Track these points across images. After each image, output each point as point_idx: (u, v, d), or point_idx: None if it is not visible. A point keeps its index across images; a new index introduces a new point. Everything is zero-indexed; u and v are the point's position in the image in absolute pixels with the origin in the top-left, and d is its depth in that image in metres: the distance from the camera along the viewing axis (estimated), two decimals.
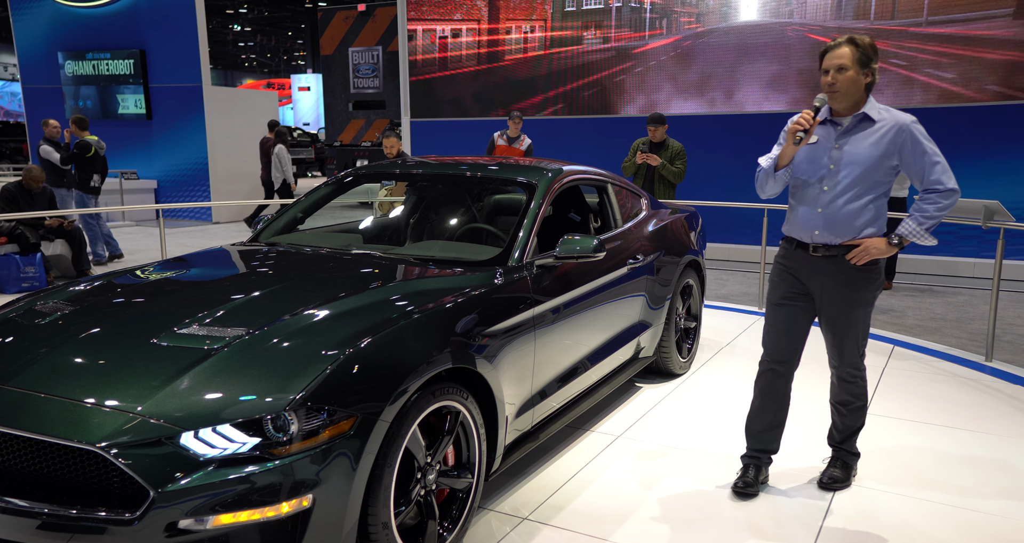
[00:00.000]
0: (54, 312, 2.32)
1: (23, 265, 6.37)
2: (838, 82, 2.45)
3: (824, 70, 2.48)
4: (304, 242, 3.21)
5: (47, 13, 12.32)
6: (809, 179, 2.58)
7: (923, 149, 2.49)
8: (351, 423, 1.89)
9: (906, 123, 2.49)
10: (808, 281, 2.66)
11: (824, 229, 2.57)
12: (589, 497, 2.73)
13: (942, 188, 2.50)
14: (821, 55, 2.52)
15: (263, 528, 1.77)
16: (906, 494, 2.76)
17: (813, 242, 2.61)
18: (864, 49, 2.45)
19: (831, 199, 2.55)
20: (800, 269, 2.66)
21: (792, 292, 2.69)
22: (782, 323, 2.72)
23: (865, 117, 2.52)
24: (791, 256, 2.68)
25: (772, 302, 2.74)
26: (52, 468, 1.79)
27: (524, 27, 9.09)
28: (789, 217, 2.70)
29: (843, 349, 2.69)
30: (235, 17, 31.27)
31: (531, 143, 7.68)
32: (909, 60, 7.26)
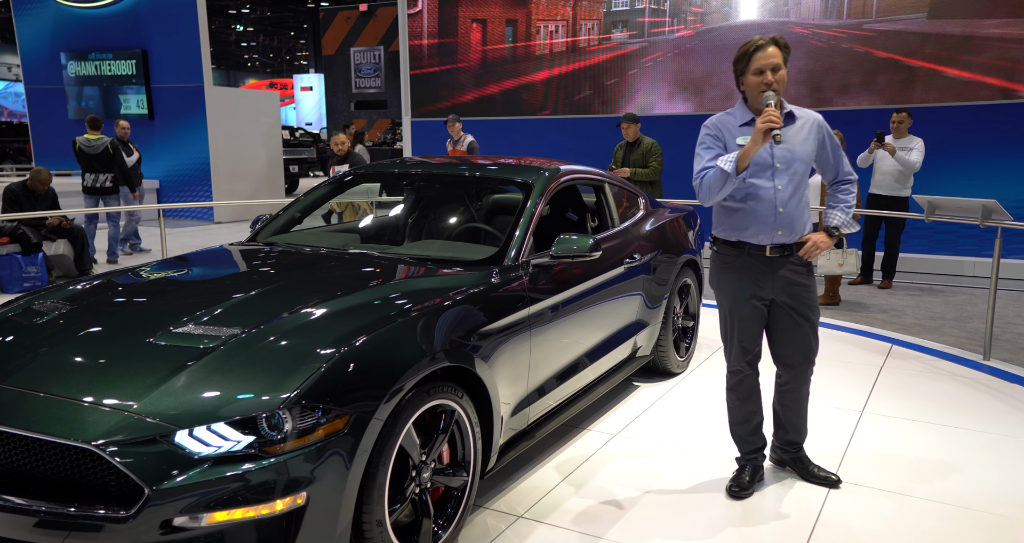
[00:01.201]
0: (52, 311, 2.34)
1: (25, 265, 6.41)
2: (776, 81, 2.47)
3: (758, 70, 2.48)
4: (302, 242, 3.23)
5: (50, 14, 12.37)
6: (760, 179, 2.55)
7: (836, 143, 2.68)
8: (345, 421, 1.90)
9: (820, 118, 2.64)
10: (765, 283, 2.63)
11: (784, 229, 2.58)
12: (584, 496, 2.75)
13: (852, 178, 2.72)
14: (745, 56, 2.52)
15: (257, 526, 1.79)
16: (902, 493, 2.77)
17: (773, 243, 2.59)
18: (788, 48, 2.53)
19: (787, 198, 2.56)
20: (756, 272, 2.63)
21: (754, 296, 2.65)
22: (750, 327, 2.68)
23: (791, 114, 2.59)
24: (743, 261, 2.63)
25: (735, 311, 2.67)
26: (50, 466, 1.80)
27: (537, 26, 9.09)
28: (734, 222, 2.62)
29: (808, 344, 2.69)
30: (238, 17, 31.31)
31: (472, 140, 8.04)
32: (914, 55, 7.25)
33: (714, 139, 2.60)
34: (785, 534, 2.49)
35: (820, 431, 3.25)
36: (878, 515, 2.61)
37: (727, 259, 2.67)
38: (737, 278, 2.66)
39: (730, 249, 2.66)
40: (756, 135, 2.40)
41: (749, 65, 2.50)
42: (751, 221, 2.58)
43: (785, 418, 2.85)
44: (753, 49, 2.49)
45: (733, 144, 2.57)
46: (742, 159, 2.44)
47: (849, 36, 7.47)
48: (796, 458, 2.90)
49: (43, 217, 6.61)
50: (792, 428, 2.86)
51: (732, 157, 2.45)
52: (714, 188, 2.50)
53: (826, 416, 3.49)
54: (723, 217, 2.67)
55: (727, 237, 2.66)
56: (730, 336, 2.74)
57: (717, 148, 2.59)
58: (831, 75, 7.58)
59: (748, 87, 2.54)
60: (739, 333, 2.70)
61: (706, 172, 2.52)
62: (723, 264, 2.70)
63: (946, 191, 6.72)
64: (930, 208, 4.77)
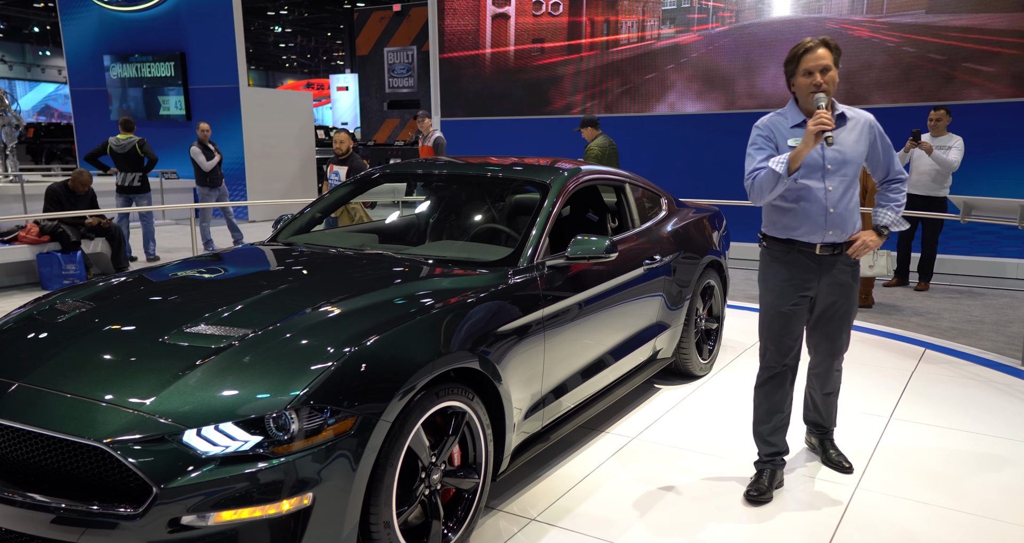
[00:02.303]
0: (73, 310, 2.40)
1: (64, 263, 6.61)
2: (825, 82, 2.49)
3: (807, 71, 2.51)
4: (321, 242, 3.26)
5: (94, 17, 12.75)
6: (811, 181, 2.57)
7: (888, 142, 2.69)
8: (353, 422, 1.91)
9: (871, 118, 2.65)
10: (812, 282, 2.67)
11: (835, 228, 2.61)
12: (599, 499, 2.72)
13: (903, 177, 2.73)
14: (795, 57, 2.55)
15: (264, 525, 1.81)
16: (927, 502, 2.68)
17: (822, 242, 2.61)
18: (838, 50, 2.55)
19: (838, 198, 2.59)
20: (804, 270, 2.66)
21: (799, 296, 2.69)
22: (791, 326, 2.71)
23: (842, 115, 2.61)
24: (792, 260, 2.66)
25: (779, 308, 2.70)
26: (62, 463, 1.85)
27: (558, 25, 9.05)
28: (785, 221, 2.65)
29: (843, 339, 2.80)
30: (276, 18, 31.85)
31: (439, 136, 8.41)
32: (946, 53, 7.01)
33: (765, 140, 2.62)
34: (805, 541, 2.44)
35: (846, 436, 3.16)
36: (900, 524, 2.53)
37: (776, 255, 2.71)
38: (785, 275, 2.69)
39: (780, 246, 2.69)
40: (807, 137, 2.41)
41: (799, 66, 2.53)
42: (802, 221, 2.61)
43: (813, 402, 2.99)
44: (803, 51, 2.52)
45: (785, 145, 2.59)
46: (793, 160, 2.45)
47: (885, 31, 7.26)
48: (820, 441, 3.02)
49: (82, 216, 6.82)
50: (817, 412, 2.98)
51: (784, 158, 2.47)
52: (765, 188, 2.52)
53: (853, 421, 3.40)
54: (774, 216, 2.70)
55: (777, 235, 2.69)
56: (770, 332, 2.75)
57: (768, 149, 2.61)
58: (866, 72, 7.38)
59: (798, 88, 2.57)
60: (780, 329, 2.72)
61: (757, 172, 2.54)
62: (772, 260, 2.73)
63: (987, 191, 6.49)
64: (966, 209, 4.61)
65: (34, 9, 29.40)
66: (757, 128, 2.66)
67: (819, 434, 3.03)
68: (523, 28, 9.23)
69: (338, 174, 6.64)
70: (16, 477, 1.88)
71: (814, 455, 3.06)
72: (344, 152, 6.64)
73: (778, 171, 2.46)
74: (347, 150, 6.62)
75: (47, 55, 36.52)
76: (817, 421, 3.01)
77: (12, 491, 1.83)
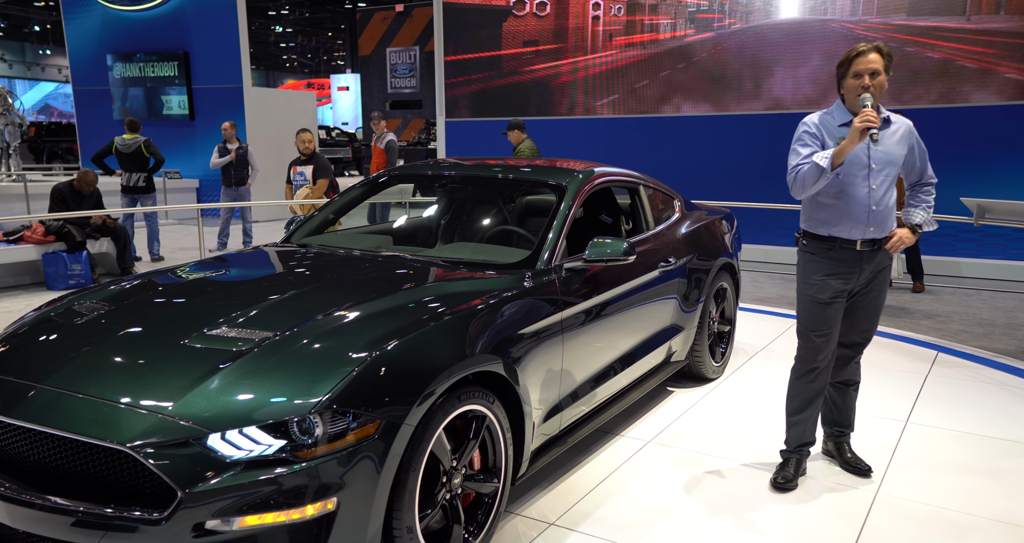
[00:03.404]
0: (90, 312, 2.38)
1: (70, 263, 6.59)
2: (873, 86, 2.56)
3: (856, 74, 2.59)
4: (335, 243, 3.24)
5: (97, 16, 12.72)
6: (855, 178, 2.64)
7: (923, 148, 2.80)
8: (376, 427, 1.89)
9: (911, 124, 2.75)
10: (852, 276, 2.73)
11: (876, 225, 2.69)
12: (617, 503, 2.70)
13: (934, 180, 2.84)
14: (847, 60, 2.63)
15: (288, 530, 1.79)
16: (947, 507, 2.66)
17: (864, 238, 2.68)
18: (890, 56, 2.63)
19: (880, 196, 2.67)
20: (845, 266, 2.72)
21: (839, 290, 2.75)
22: (832, 319, 2.77)
23: (887, 120, 2.69)
24: (835, 255, 2.72)
25: (821, 302, 2.76)
26: (85, 467, 1.83)
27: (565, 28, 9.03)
28: (825, 217, 2.72)
29: (871, 331, 2.88)
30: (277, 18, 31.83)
31: (391, 139, 8.59)
32: (964, 55, 7.00)
33: (812, 136, 2.68)
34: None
35: (863, 441, 3.14)
36: (923, 529, 2.51)
37: (817, 251, 2.76)
38: (826, 270, 2.74)
39: (820, 243, 2.74)
40: (853, 133, 2.49)
41: (849, 68, 2.61)
42: (843, 217, 2.67)
43: (830, 397, 2.97)
44: (855, 54, 2.61)
45: (831, 143, 2.66)
46: (837, 156, 2.52)
47: (892, 33, 7.24)
48: (837, 444, 3.01)
49: (87, 216, 6.79)
50: (835, 408, 2.98)
51: (828, 153, 2.54)
52: (808, 182, 2.59)
53: (869, 425, 3.38)
54: (814, 211, 2.75)
55: (817, 231, 2.74)
56: (810, 325, 2.80)
57: (814, 145, 2.67)
58: None
59: (847, 90, 2.65)
60: (821, 323, 2.76)
61: (801, 167, 2.61)
62: (812, 255, 2.78)
63: (1000, 194, 6.47)
64: (979, 211, 4.60)
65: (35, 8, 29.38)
66: (804, 125, 2.71)
67: (836, 437, 3.02)
68: (530, 29, 9.21)
69: (303, 175, 6.49)
70: (35, 480, 1.86)
71: (832, 462, 3.03)
72: (309, 152, 6.45)
73: (822, 165, 2.52)
74: (312, 150, 6.44)
75: (47, 54, 36.50)
76: (837, 419, 3.00)
77: (32, 494, 1.80)
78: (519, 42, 9.32)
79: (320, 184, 6.47)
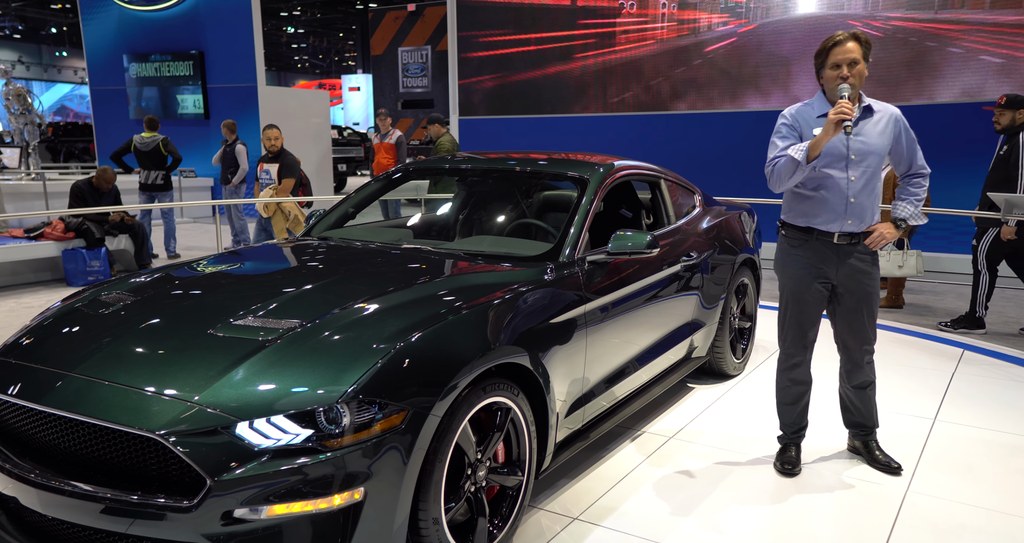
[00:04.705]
0: (117, 302, 2.38)
1: (89, 259, 6.63)
2: (852, 75, 2.53)
3: (835, 64, 2.55)
4: (355, 237, 3.23)
5: (114, 17, 12.83)
6: (833, 170, 2.61)
7: (912, 136, 2.72)
8: (402, 417, 1.88)
9: (898, 113, 2.69)
10: (830, 270, 2.71)
11: (854, 218, 2.65)
12: (641, 498, 2.67)
13: (925, 172, 2.76)
14: (824, 50, 2.59)
15: (315, 520, 1.78)
16: (978, 505, 2.62)
17: (840, 231, 2.65)
18: (868, 44, 2.58)
19: (859, 188, 2.63)
20: (822, 259, 2.70)
21: (817, 279, 2.74)
22: (810, 310, 2.77)
23: (868, 108, 2.64)
24: (811, 247, 2.71)
25: (798, 294, 2.77)
26: (113, 454, 1.83)
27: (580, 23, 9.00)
28: (804, 209, 2.69)
29: (865, 330, 2.80)
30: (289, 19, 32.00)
31: (401, 136, 8.63)
32: (986, 51, 6.91)
33: (790, 128, 2.66)
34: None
35: (891, 439, 3.10)
36: (955, 527, 2.47)
37: (794, 242, 2.76)
38: (803, 261, 2.74)
39: (798, 233, 2.74)
40: (828, 125, 2.47)
41: (827, 59, 2.58)
42: (822, 209, 2.65)
43: (849, 400, 2.95)
44: (832, 44, 2.57)
45: (809, 134, 2.62)
46: (813, 148, 2.50)
47: (913, 26, 7.16)
48: (864, 443, 2.98)
49: (106, 213, 6.84)
50: (856, 411, 2.94)
51: (804, 146, 2.53)
52: (784, 175, 2.58)
53: (897, 423, 3.33)
54: (794, 203, 2.74)
55: (796, 222, 2.73)
56: (789, 318, 2.81)
57: (792, 137, 2.64)
58: (894, 69, 7.28)
59: (825, 80, 2.63)
60: (798, 315, 2.78)
61: (777, 160, 2.61)
62: (790, 247, 2.78)
63: None
64: (1007, 207, 4.53)
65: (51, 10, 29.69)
66: (783, 117, 2.69)
67: (863, 436, 2.98)
68: (545, 25, 9.19)
69: (268, 173, 6.35)
70: (63, 467, 1.86)
71: (860, 460, 2.99)
72: (275, 150, 6.30)
73: (797, 158, 2.51)
74: (278, 148, 6.29)
75: (63, 56, 36.87)
76: (859, 421, 2.96)
77: (62, 481, 1.80)
78: (534, 39, 9.30)
79: (285, 184, 6.25)
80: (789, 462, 2.87)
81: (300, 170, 6.55)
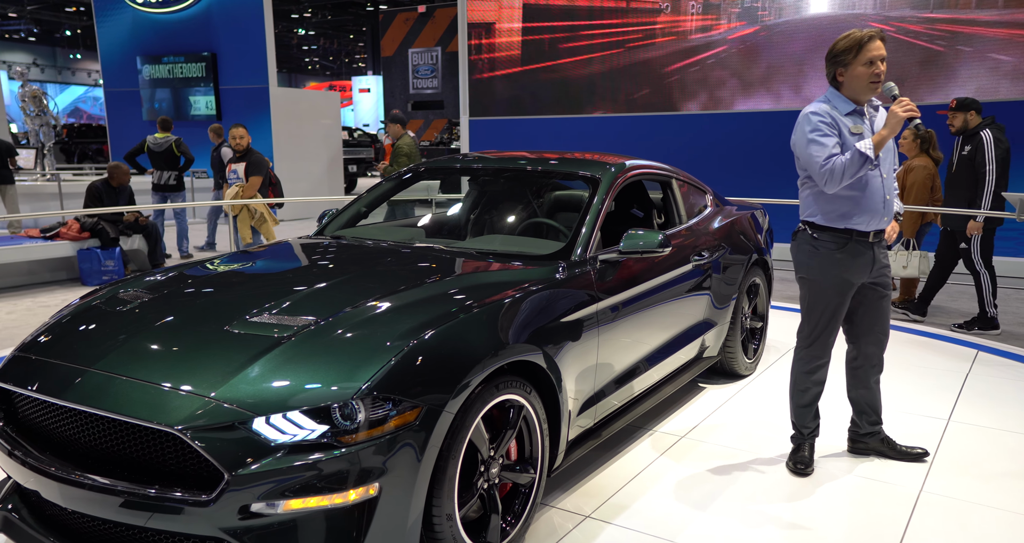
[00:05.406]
0: (135, 300, 2.41)
1: (103, 259, 6.70)
2: (883, 72, 2.57)
3: (869, 61, 2.55)
4: (368, 236, 3.25)
5: (127, 19, 12.95)
6: (874, 168, 2.63)
7: None
8: (416, 414, 1.89)
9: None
10: (866, 269, 2.72)
11: (888, 215, 2.70)
12: (653, 497, 2.67)
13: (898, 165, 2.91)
14: (857, 46, 2.56)
15: (331, 515, 1.79)
16: (993, 505, 2.60)
17: (876, 229, 2.68)
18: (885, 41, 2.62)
19: (891, 185, 2.70)
20: (861, 259, 2.70)
21: (854, 283, 2.74)
22: (842, 314, 2.78)
23: (877, 107, 2.71)
24: (850, 249, 2.69)
25: (839, 298, 2.75)
26: (132, 448, 1.85)
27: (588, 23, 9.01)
28: (842, 209, 2.65)
29: (887, 321, 2.85)
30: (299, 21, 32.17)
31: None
32: (1000, 50, 6.86)
33: (829, 126, 2.61)
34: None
35: (906, 439, 3.08)
36: (969, 528, 2.46)
37: (831, 245, 2.70)
38: (845, 265, 2.70)
39: (836, 236, 2.69)
40: (895, 123, 2.48)
41: (860, 55, 2.56)
42: (863, 208, 2.64)
43: (864, 400, 2.95)
44: (867, 39, 2.55)
45: (846, 132, 2.60)
46: (878, 146, 2.52)
47: (926, 28, 7.12)
48: (883, 439, 2.98)
49: (120, 213, 6.90)
50: (872, 409, 2.96)
51: (868, 143, 2.51)
52: (847, 173, 2.52)
53: (911, 423, 3.32)
54: (826, 204, 2.68)
55: (833, 224, 2.69)
56: (822, 321, 2.77)
57: (834, 135, 2.60)
58: (910, 69, 7.24)
59: (854, 77, 2.59)
60: (832, 318, 2.76)
61: (836, 157, 2.53)
62: (827, 251, 2.71)
63: None
64: (1022, 207, 4.50)
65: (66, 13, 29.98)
66: (817, 115, 2.62)
67: (878, 433, 2.98)
68: (556, 25, 9.20)
69: (236, 172, 6.29)
70: (83, 461, 1.89)
71: (873, 459, 2.98)
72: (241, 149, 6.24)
73: (867, 154, 2.48)
74: (245, 146, 6.23)
75: (77, 58, 37.23)
76: (876, 419, 2.97)
77: (82, 474, 1.83)
78: (545, 39, 9.31)
79: (252, 182, 6.20)
80: (802, 461, 2.87)
81: (269, 169, 6.49)
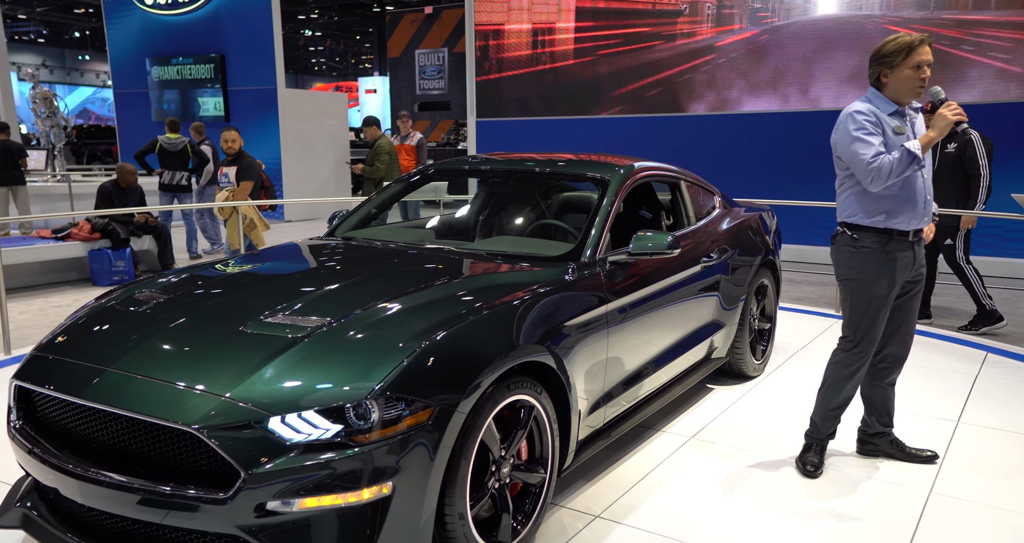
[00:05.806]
0: (150, 301, 2.44)
1: (114, 259, 6.75)
2: (928, 77, 2.62)
3: (918, 65, 2.59)
4: (378, 237, 3.27)
5: (137, 21, 13.03)
6: (920, 168, 2.68)
7: None
8: (429, 414, 1.91)
9: None
10: (904, 267, 2.73)
11: (928, 215, 2.75)
12: (662, 497, 2.69)
13: None
14: (907, 49, 2.60)
15: (345, 513, 1.82)
16: (1003, 507, 2.60)
17: (916, 229, 2.71)
18: None
19: (931, 185, 2.75)
20: (905, 258, 2.72)
21: (897, 284, 2.75)
22: (885, 315, 2.77)
23: (919, 109, 2.76)
24: (897, 248, 2.71)
25: (881, 298, 2.72)
26: (149, 447, 1.88)
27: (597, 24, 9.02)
28: (884, 209, 2.68)
29: (913, 324, 2.88)
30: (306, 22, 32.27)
31: (421, 138, 8.80)
32: (1007, 52, 6.84)
33: (874, 125, 2.65)
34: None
35: (914, 441, 3.08)
36: (978, 529, 2.46)
37: (875, 246, 2.71)
38: (888, 263, 2.71)
39: (879, 237, 2.70)
40: (943, 125, 2.54)
41: (908, 59, 2.60)
42: (905, 208, 2.67)
43: (878, 398, 2.96)
44: (917, 43, 2.59)
45: (889, 131, 2.65)
46: (926, 146, 2.57)
47: (933, 29, 7.10)
48: (892, 441, 3.00)
49: (131, 214, 6.95)
50: (884, 410, 2.97)
51: (917, 143, 2.56)
52: (895, 171, 2.55)
53: (920, 425, 3.32)
54: (870, 203, 2.69)
55: (875, 224, 2.70)
56: (869, 322, 2.76)
57: (878, 134, 2.63)
58: None
59: (900, 79, 2.63)
60: (879, 319, 2.76)
61: (882, 155, 2.57)
62: (869, 251, 2.72)
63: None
64: None
65: (75, 15, 30.17)
66: (862, 113, 2.64)
67: (889, 434, 2.99)
68: (563, 26, 9.22)
69: (227, 176, 6.21)
70: (100, 460, 1.92)
71: (882, 461, 2.98)
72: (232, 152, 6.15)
73: (916, 153, 2.52)
74: (236, 150, 6.13)
75: (86, 59, 37.43)
76: (887, 421, 2.99)
77: (99, 471, 1.86)
78: (553, 40, 9.32)
79: (243, 186, 6.11)
80: (811, 463, 2.88)
81: (261, 173, 6.42)
